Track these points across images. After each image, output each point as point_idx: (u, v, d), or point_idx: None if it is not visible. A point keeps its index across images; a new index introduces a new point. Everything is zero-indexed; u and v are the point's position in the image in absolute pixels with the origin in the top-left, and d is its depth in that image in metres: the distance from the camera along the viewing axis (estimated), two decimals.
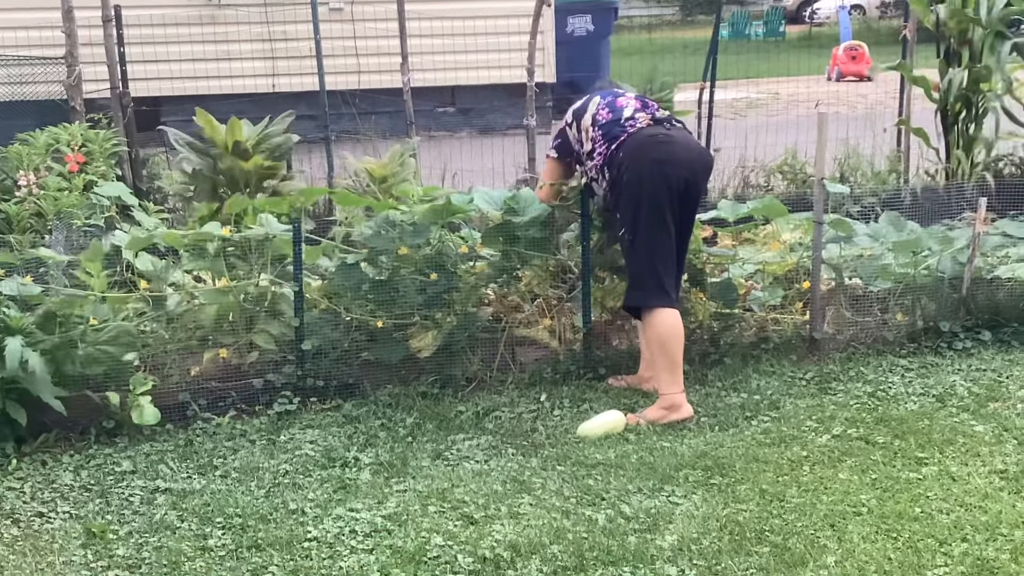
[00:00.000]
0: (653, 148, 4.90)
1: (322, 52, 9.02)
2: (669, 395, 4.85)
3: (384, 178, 6.60)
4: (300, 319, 5.03)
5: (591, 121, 5.08)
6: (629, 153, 4.89)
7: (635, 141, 4.91)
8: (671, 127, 5.02)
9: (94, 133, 7.01)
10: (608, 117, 5.04)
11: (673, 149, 4.92)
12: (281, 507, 4.05)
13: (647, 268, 4.88)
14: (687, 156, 4.96)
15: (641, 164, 4.86)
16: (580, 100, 5.25)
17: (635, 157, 4.87)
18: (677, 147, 4.94)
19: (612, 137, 4.96)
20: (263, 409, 4.95)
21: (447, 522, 3.92)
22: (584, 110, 5.14)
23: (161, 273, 5.11)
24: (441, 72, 12.54)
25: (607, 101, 5.11)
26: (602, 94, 5.22)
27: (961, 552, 3.64)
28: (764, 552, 3.68)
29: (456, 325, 5.21)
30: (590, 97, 5.21)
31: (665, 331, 4.85)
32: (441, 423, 4.81)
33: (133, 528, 3.94)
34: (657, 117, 5.02)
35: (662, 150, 4.90)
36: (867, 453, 4.42)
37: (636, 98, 5.15)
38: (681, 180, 4.87)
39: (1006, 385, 5.13)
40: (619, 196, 4.93)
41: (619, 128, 4.97)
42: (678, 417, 4.80)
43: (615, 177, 4.93)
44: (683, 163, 4.91)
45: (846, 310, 5.72)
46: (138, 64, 9.69)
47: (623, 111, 5.04)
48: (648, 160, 4.86)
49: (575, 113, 5.18)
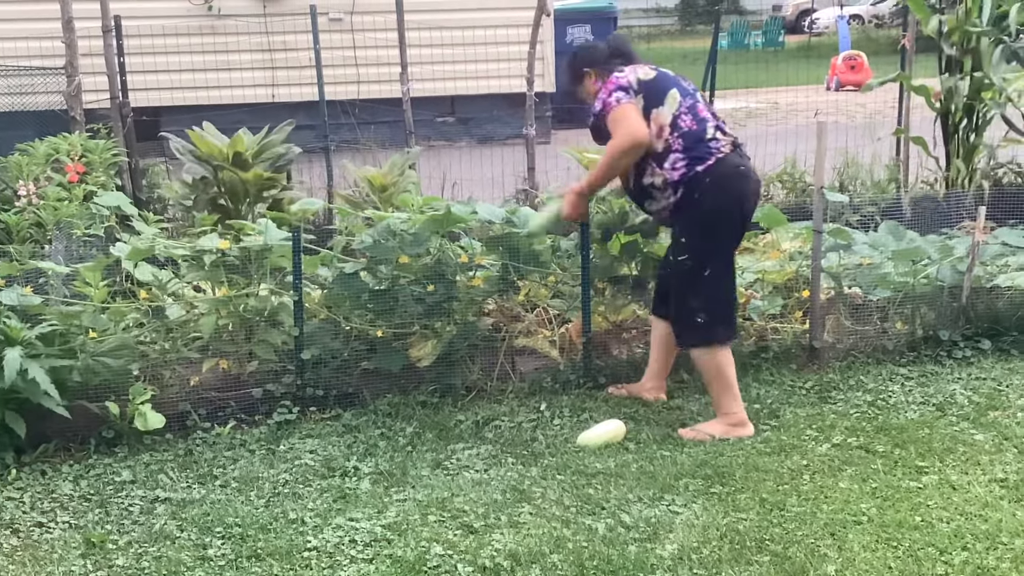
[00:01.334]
0: (738, 182, 4.74)
1: (322, 62, 9.05)
2: (732, 414, 4.79)
3: (384, 187, 6.62)
4: (300, 328, 5.03)
5: (671, 121, 4.73)
6: (717, 182, 4.67)
7: (724, 170, 4.69)
8: (743, 154, 4.86)
9: (94, 143, 7.03)
10: (692, 127, 4.72)
11: (749, 186, 4.81)
12: (281, 517, 4.05)
13: (725, 300, 4.83)
14: (756, 190, 4.90)
15: (728, 198, 4.71)
16: (641, 70, 4.85)
17: (723, 188, 4.69)
18: (751, 183, 4.84)
19: (697, 157, 4.67)
20: (263, 419, 4.95)
21: (447, 531, 3.92)
22: (660, 99, 4.75)
23: (161, 283, 5.12)
24: (441, 82, 12.58)
25: (688, 104, 4.78)
26: (680, 88, 4.84)
27: (961, 561, 3.63)
28: (764, 561, 3.67)
29: (456, 334, 5.22)
30: (663, 83, 4.82)
31: (724, 360, 4.79)
32: (441, 432, 4.81)
33: (132, 538, 3.93)
34: (732, 139, 4.81)
35: (744, 186, 4.77)
36: (867, 462, 4.41)
37: (705, 107, 4.89)
38: (748, 213, 4.87)
39: (1006, 394, 5.12)
40: (694, 223, 4.72)
41: (705, 148, 4.69)
42: (744, 433, 4.74)
43: (692, 201, 4.69)
44: (753, 198, 4.87)
45: (846, 319, 5.72)
46: (138, 74, 9.74)
47: (706, 125, 4.75)
48: (735, 194, 4.73)
49: (645, 91, 4.76)
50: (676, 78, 4.93)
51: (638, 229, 5.41)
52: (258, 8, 12.52)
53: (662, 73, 4.90)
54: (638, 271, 5.56)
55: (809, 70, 18.46)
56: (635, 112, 4.72)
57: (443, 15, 12.19)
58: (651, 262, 5.52)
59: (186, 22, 12.00)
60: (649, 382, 5.19)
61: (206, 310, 5.10)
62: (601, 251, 5.46)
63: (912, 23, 8.44)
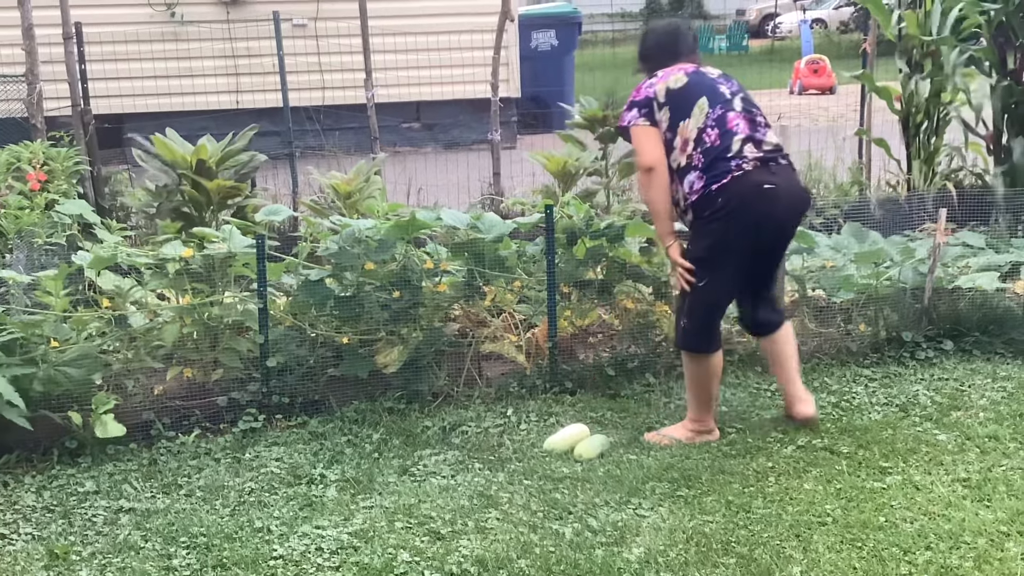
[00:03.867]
0: (757, 203, 4.48)
1: (286, 68, 9.03)
2: (699, 420, 4.74)
3: (350, 194, 6.60)
4: (265, 336, 5.01)
5: (696, 136, 4.54)
6: (729, 202, 4.46)
7: (740, 189, 4.46)
8: (777, 165, 4.57)
9: (56, 151, 6.96)
10: (715, 143, 4.50)
11: (774, 207, 4.52)
12: (247, 525, 4.02)
13: (705, 314, 4.67)
14: (785, 207, 4.59)
15: (738, 219, 4.48)
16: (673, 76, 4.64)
17: (735, 209, 4.47)
18: (779, 203, 4.53)
19: (713, 177, 4.48)
20: (228, 427, 4.92)
21: (414, 538, 3.91)
22: (688, 111, 4.55)
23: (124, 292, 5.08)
24: (406, 88, 12.56)
25: (717, 116, 4.55)
26: (712, 94, 4.60)
27: (925, 560, 3.66)
28: (731, 563, 3.69)
29: (422, 340, 5.21)
30: (693, 89, 4.61)
31: (705, 372, 4.71)
32: (407, 439, 4.80)
33: (96, 549, 3.90)
34: (765, 151, 4.54)
35: (765, 207, 4.49)
36: (832, 463, 4.44)
37: (742, 113, 4.60)
38: (773, 235, 4.64)
39: (968, 394, 5.17)
40: (700, 235, 4.60)
41: (724, 166, 4.47)
42: (708, 439, 4.71)
43: (705, 217, 4.53)
44: (779, 218, 4.59)
45: (810, 321, 5.76)
46: (99, 81, 9.67)
47: (731, 139, 4.51)
48: (751, 217, 4.48)
49: (672, 103, 4.59)
50: (712, 82, 4.68)
51: (603, 233, 5.42)
52: (221, 14, 12.46)
53: (696, 78, 4.67)
54: (603, 275, 5.57)
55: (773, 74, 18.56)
56: (646, 137, 4.60)
57: (407, 21, 12.18)
58: (616, 266, 5.54)
59: (148, 28, 11.91)
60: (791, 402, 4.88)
61: (170, 318, 5.07)
62: (566, 256, 5.47)
63: (873, 27, 8.52)
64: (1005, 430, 4.71)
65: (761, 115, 4.69)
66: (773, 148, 4.60)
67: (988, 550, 3.72)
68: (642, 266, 5.59)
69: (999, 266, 6.03)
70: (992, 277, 5.81)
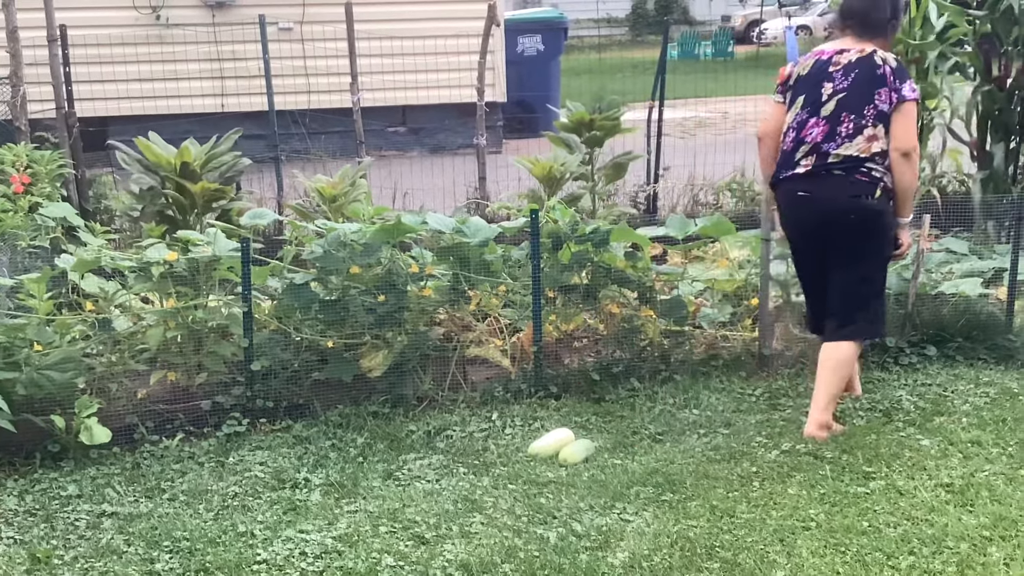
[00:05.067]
0: (793, 207, 4.96)
1: (271, 72, 9.00)
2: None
3: (335, 198, 6.59)
4: (249, 340, 4.99)
5: (785, 129, 4.92)
6: (776, 200, 5.08)
7: (783, 191, 4.96)
8: (827, 175, 4.74)
9: (39, 154, 6.93)
10: (788, 147, 4.87)
11: (807, 212, 4.87)
12: (230, 530, 4.01)
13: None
14: (819, 218, 4.82)
15: (785, 217, 5.07)
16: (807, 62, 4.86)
17: (778, 205, 5.07)
18: (811, 210, 4.83)
19: (774, 179, 4.98)
20: (212, 431, 4.91)
21: (398, 542, 3.90)
22: (792, 102, 4.88)
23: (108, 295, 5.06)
24: (392, 92, 12.56)
25: (801, 119, 4.82)
26: (811, 95, 4.81)
27: (908, 565, 3.67)
28: (715, 568, 3.69)
29: (407, 344, 5.21)
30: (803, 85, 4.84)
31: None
32: (392, 443, 4.79)
33: (79, 553, 3.88)
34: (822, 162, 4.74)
35: (798, 213, 4.94)
36: (816, 468, 4.45)
37: (827, 119, 4.74)
38: (810, 245, 4.96)
39: (951, 399, 5.19)
40: None
41: (783, 171, 4.91)
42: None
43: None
44: (813, 226, 4.89)
45: (794, 327, 5.77)
46: (84, 84, 9.63)
47: (799, 147, 4.81)
48: (791, 216, 5.00)
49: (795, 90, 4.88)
50: (819, 79, 4.80)
51: (588, 238, 5.43)
52: (207, 17, 12.43)
53: (815, 71, 4.83)
54: (589, 280, 5.58)
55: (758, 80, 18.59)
56: (770, 114, 5.06)
57: (394, 25, 12.17)
58: (601, 271, 5.54)
59: (133, 31, 11.87)
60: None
61: (154, 322, 5.05)
62: (552, 260, 5.47)
63: None
64: (988, 435, 4.73)
65: (852, 121, 4.71)
66: (838, 162, 4.72)
67: (971, 555, 3.73)
68: (627, 271, 5.60)
69: (982, 272, 6.06)
70: (975, 283, 5.84)
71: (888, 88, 4.69)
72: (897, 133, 4.70)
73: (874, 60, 4.74)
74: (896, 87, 4.69)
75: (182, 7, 12.43)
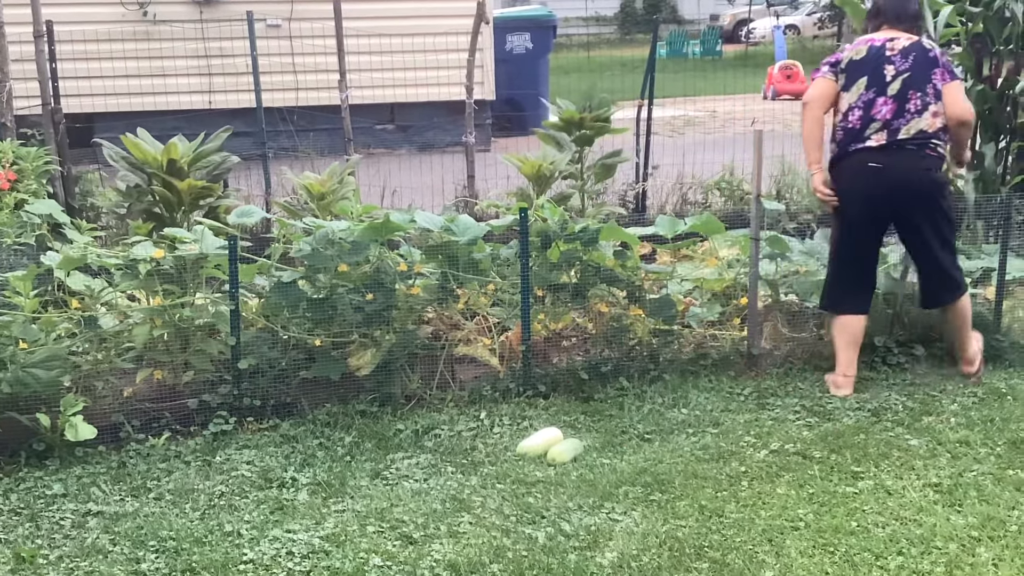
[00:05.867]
0: (858, 176, 5.18)
1: (259, 69, 8.96)
2: (835, 374, 5.34)
3: (323, 195, 6.57)
4: (236, 338, 4.97)
5: (845, 111, 5.20)
6: (838, 176, 5.26)
7: (846, 166, 5.22)
8: (899, 149, 5.10)
9: (25, 150, 6.89)
10: (855, 125, 5.17)
11: (876, 182, 5.13)
12: (216, 529, 3.99)
13: (831, 275, 5.44)
14: (891, 187, 5.13)
15: (846, 189, 5.22)
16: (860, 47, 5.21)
17: (843, 179, 5.23)
18: (882, 180, 5.12)
19: (839, 153, 5.24)
20: (198, 430, 4.88)
21: (386, 542, 3.89)
22: (850, 86, 5.19)
23: (94, 293, 5.03)
24: (380, 89, 12.52)
25: (868, 98, 5.14)
26: (873, 76, 5.14)
27: (897, 566, 3.67)
28: (703, 568, 3.68)
29: (395, 343, 5.19)
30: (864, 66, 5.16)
31: (839, 325, 5.36)
32: (380, 442, 4.77)
33: (64, 552, 3.85)
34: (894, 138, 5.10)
35: (864, 183, 5.17)
36: (804, 468, 4.45)
37: (894, 98, 5.11)
38: (881, 214, 5.22)
39: (939, 399, 5.20)
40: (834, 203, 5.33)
41: (851, 145, 5.17)
42: (837, 392, 5.28)
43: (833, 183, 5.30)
44: (884, 196, 5.15)
45: (783, 326, 5.77)
46: (70, 80, 9.58)
47: (871, 125, 5.13)
48: (857, 187, 5.19)
49: (849, 72, 5.19)
50: (881, 62, 5.16)
51: (577, 237, 5.42)
52: (194, 13, 12.38)
53: (873, 54, 5.18)
54: (577, 279, 5.57)
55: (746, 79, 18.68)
56: (819, 85, 5.27)
57: (382, 22, 12.14)
58: (590, 270, 5.53)
59: (120, 27, 11.82)
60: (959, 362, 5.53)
61: (140, 320, 5.02)
62: (541, 259, 5.46)
63: (846, 32, 8.55)
64: (976, 435, 4.74)
65: (919, 98, 5.12)
66: (909, 138, 5.12)
67: (959, 555, 3.73)
68: (616, 270, 5.59)
69: (970, 272, 6.06)
70: None
71: (941, 68, 5.18)
72: (957, 105, 5.18)
73: (924, 45, 5.23)
74: (948, 67, 5.22)
75: (169, 3, 12.38)
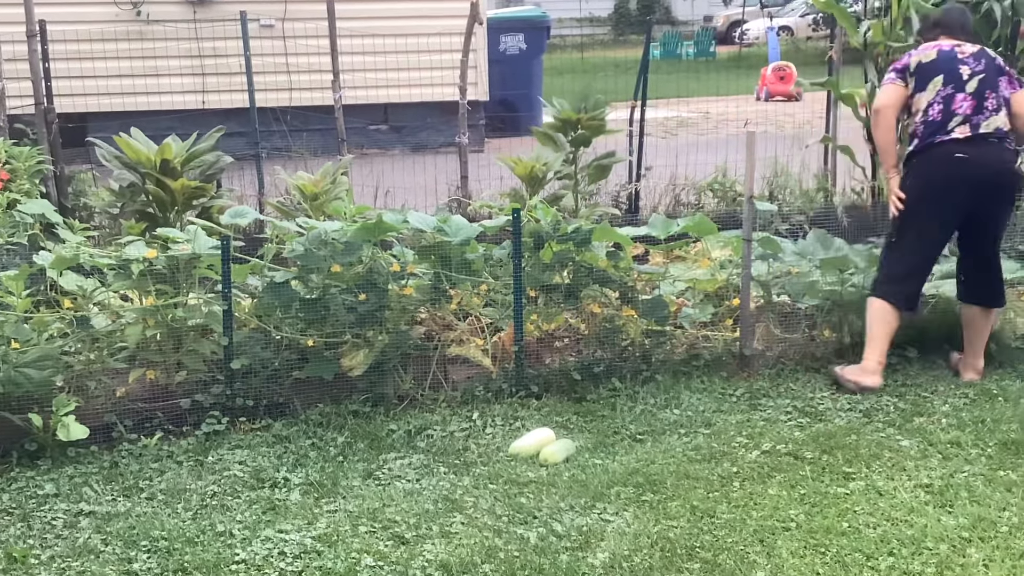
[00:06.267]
0: (945, 167, 5.22)
1: (252, 69, 8.95)
2: (866, 360, 5.33)
3: (316, 196, 6.57)
4: (229, 338, 4.97)
5: (924, 108, 5.26)
6: (920, 165, 5.29)
7: (930, 156, 5.24)
8: (983, 142, 5.19)
9: (18, 150, 6.89)
10: (936, 118, 5.23)
11: (961, 172, 5.18)
12: (208, 529, 3.99)
13: (896, 264, 5.38)
14: (975, 179, 5.18)
15: (927, 182, 5.25)
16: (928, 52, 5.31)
17: (924, 171, 5.27)
18: (967, 170, 5.17)
19: (920, 146, 5.27)
20: (191, 430, 4.88)
21: (378, 542, 3.89)
22: (925, 85, 5.27)
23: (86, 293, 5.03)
24: (374, 90, 12.53)
25: (947, 93, 5.23)
26: (950, 75, 5.24)
27: (888, 566, 3.68)
28: (695, 569, 3.69)
29: (388, 343, 5.19)
30: (938, 66, 5.26)
31: (872, 315, 5.37)
32: (372, 442, 4.77)
33: (56, 552, 3.85)
34: (976, 132, 5.18)
35: (953, 171, 5.20)
36: (796, 468, 4.46)
37: (972, 95, 5.21)
38: (960, 205, 5.22)
39: (931, 400, 5.21)
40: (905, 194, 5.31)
41: (934, 136, 5.21)
42: (867, 382, 5.28)
43: (904, 176, 5.34)
44: (966, 188, 5.19)
45: (775, 327, 5.78)
46: (64, 80, 9.57)
47: (951, 118, 5.20)
48: (938, 178, 5.23)
49: (919, 74, 5.28)
50: (955, 63, 5.28)
51: (570, 237, 5.42)
52: (188, 13, 12.37)
53: (945, 55, 5.30)
54: (570, 279, 5.57)
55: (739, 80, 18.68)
56: (888, 89, 5.36)
57: (376, 23, 12.14)
58: (583, 270, 5.54)
59: (113, 27, 11.80)
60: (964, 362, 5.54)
61: (133, 320, 5.02)
62: (533, 259, 5.46)
63: (840, 35, 8.57)
64: (967, 436, 4.75)
65: (995, 98, 5.25)
66: (989, 132, 5.21)
67: (950, 556, 3.74)
68: (609, 270, 5.59)
69: None
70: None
71: (1007, 76, 5.33)
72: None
73: (990, 52, 5.39)
74: (1013, 76, 5.37)
75: (163, 3, 12.37)
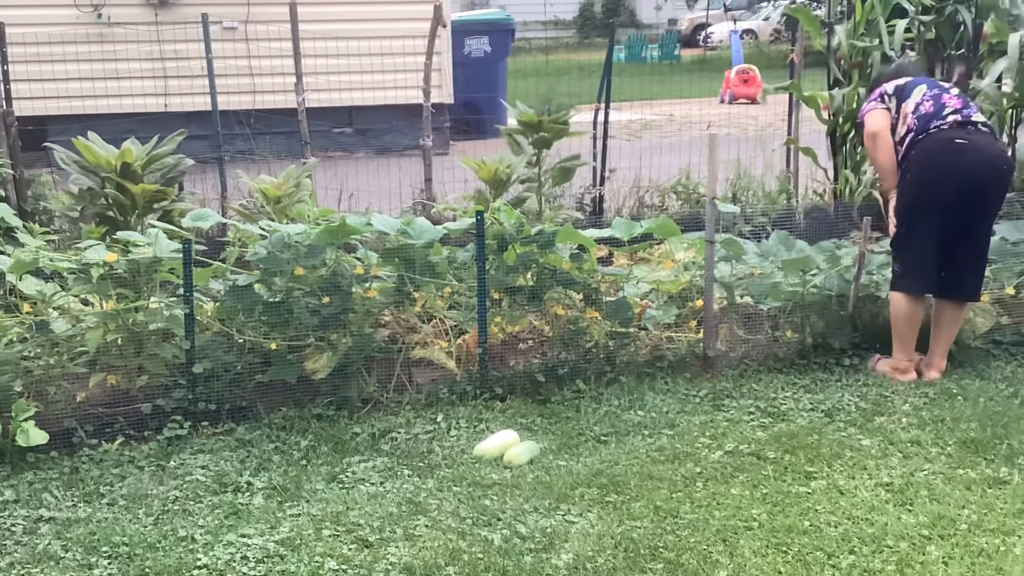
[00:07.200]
0: (942, 154, 5.30)
1: (215, 71, 8.90)
2: (898, 360, 5.51)
3: (279, 199, 6.53)
4: (191, 342, 4.93)
5: (913, 108, 5.41)
6: (919, 155, 5.34)
7: (930, 144, 5.32)
8: (976, 129, 5.33)
9: None
10: (929, 110, 5.37)
11: (961, 158, 5.28)
12: (170, 534, 3.96)
13: (901, 259, 5.47)
14: (975, 164, 5.29)
15: (925, 170, 5.32)
16: (897, 78, 5.58)
17: (921, 160, 5.33)
18: (967, 156, 5.28)
19: (917, 135, 5.34)
20: (153, 434, 4.85)
21: (341, 546, 3.88)
22: (908, 94, 5.46)
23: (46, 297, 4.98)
24: (338, 92, 12.50)
25: (934, 93, 5.44)
26: (928, 83, 5.55)
27: (849, 564, 3.71)
28: (658, 569, 3.70)
29: (352, 346, 5.17)
30: (914, 83, 5.52)
31: (897, 311, 5.48)
32: (336, 445, 4.76)
33: (15, 559, 3.81)
34: (967, 119, 5.33)
35: (949, 159, 5.29)
36: (758, 468, 4.49)
37: (959, 97, 5.47)
38: (963, 190, 5.27)
39: (891, 400, 5.25)
40: (901, 189, 5.43)
41: (931, 122, 5.32)
42: (903, 378, 5.46)
43: (904, 170, 5.41)
44: (968, 172, 5.28)
45: (738, 328, 5.81)
46: (23, 83, 9.48)
47: (944, 109, 5.35)
48: (939, 165, 5.30)
49: (898, 93, 5.48)
50: (931, 81, 5.66)
51: (534, 240, 5.43)
52: (149, 16, 12.30)
53: (918, 79, 5.61)
54: (534, 282, 5.58)
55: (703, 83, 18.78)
56: (874, 114, 5.50)
57: (340, 25, 12.11)
58: (547, 273, 5.54)
59: (74, 30, 11.72)
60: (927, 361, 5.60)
61: (93, 324, 4.98)
62: (497, 262, 5.46)
63: (800, 37, 8.63)
64: (927, 435, 4.79)
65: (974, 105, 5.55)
66: (980, 122, 5.38)
67: (910, 554, 3.78)
68: (573, 272, 5.60)
69: None
70: None
71: None
72: None
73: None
74: None
75: (124, 5, 12.29)
